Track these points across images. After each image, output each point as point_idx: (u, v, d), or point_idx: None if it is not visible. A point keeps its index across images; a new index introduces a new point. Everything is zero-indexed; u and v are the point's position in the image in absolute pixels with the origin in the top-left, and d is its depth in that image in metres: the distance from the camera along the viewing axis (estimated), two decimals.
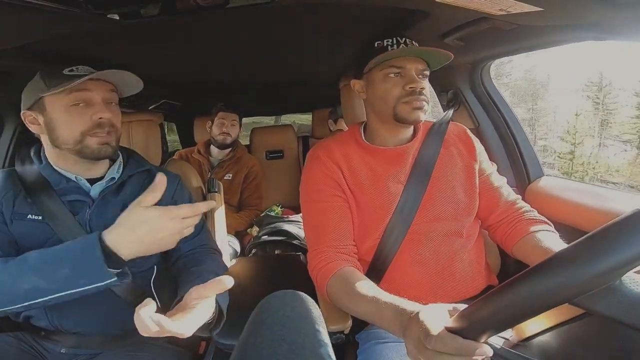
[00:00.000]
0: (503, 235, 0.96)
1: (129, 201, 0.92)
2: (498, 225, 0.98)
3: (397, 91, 0.89)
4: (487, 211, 0.99)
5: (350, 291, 0.77)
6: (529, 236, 0.89)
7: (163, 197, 0.97)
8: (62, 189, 0.90)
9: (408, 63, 0.89)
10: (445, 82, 1.57)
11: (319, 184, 0.94)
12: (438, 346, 0.47)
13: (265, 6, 0.82)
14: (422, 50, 0.90)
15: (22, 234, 0.86)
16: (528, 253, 0.87)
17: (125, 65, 1.34)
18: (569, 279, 0.38)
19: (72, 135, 0.86)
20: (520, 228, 0.93)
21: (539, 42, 1.05)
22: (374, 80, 0.93)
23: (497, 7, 0.80)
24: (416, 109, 0.89)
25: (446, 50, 0.89)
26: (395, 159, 0.95)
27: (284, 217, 2.11)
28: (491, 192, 0.99)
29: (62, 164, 0.92)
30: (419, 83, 0.89)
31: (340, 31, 1.21)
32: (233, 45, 1.33)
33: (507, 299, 0.42)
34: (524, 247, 0.89)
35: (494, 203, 0.99)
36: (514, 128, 1.44)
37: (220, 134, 2.08)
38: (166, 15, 0.79)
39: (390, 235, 0.90)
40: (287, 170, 2.53)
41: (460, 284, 0.91)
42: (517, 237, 0.91)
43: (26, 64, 1.04)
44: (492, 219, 0.99)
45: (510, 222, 0.96)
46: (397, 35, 0.92)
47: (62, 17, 0.71)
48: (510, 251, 0.94)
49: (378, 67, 0.91)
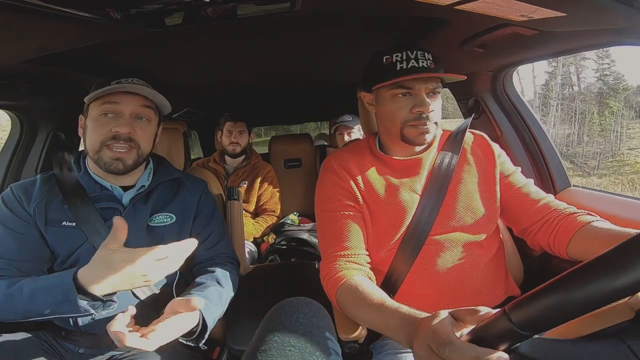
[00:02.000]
0: (549, 236, 0.87)
1: (157, 206, 0.98)
2: (538, 228, 0.90)
3: (405, 113, 0.87)
4: (520, 215, 0.93)
5: (357, 299, 0.75)
6: (585, 228, 0.81)
7: (188, 202, 1.02)
8: (96, 196, 0.94)
9: (418, 83, 0.86)
10: (466, 90, 1.55)
11: (332, 194, 0.94)
12: (453, 356, 0.45)
13: (282, 16, 0.83)
14: (435, 75, 0.86)
15: (57, 241, 0.91)
16: (589, 246, 0.78)
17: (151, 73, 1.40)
18: (605, 285, 0.35)
19: (93, 144, 0.91)
20: (568, 224, 0.84)
21: (563, 48, 1.02)
22: (383, 98, 0.91)
23: (518, 13, 0.79)
24: (422, 133, 0.87)
25: (463, 76, 0.88)
26: (411, 169, 0.94)
27: (301, 225, 2.11)
28: (519, 194, 0.94)
29: (98, 170, 0.96)
30: (428, 107, 0.85)
31: (357, 40, 1.22)
32: (253, 54, 1.36)
33: (533, 307, 0.40)
34: (581, 241, 0.80)
35: (525, 205, 0.92)
36: (539, 137, 1.39)
37: (229, 143, 2.11)
38: (188, 24, 0.82)
39: (406, 246, 0.88)
40: (305, 179, 2.54)
41: (480, 295, 0.88)
42: (570, 233, 0.82)
43: (58, 71, 1.10)
44: (527, 221, 0.92)
45: (553, 221, 0.87)
46: (407, 49, 0.86)
47: (91, 25, 0.75)
48: (564, 251, 0.84)
49: (388, 87, 0.88)
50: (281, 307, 0.61)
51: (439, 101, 0.90)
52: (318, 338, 0.55)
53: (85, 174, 0.97)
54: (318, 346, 0.54)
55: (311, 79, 1.97)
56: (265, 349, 0.53)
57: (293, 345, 0.52)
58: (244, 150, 2.16)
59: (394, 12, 0.96)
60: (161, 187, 1.02)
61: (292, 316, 0.58)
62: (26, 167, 1.37)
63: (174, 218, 0.99)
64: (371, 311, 0.70)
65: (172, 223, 0.99)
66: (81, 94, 1.02)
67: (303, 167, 2.61)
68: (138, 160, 0.94)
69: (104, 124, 0.90)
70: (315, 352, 0.52)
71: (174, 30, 0.85)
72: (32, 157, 1.38)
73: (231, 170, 2.17)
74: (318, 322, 0.58)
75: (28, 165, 1.37)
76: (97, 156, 0.90)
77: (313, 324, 0.58)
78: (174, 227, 0.98)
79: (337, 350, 0.56)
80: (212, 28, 1.01)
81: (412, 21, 1.04)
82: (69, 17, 0.68)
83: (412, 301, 0.69)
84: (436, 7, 0.81)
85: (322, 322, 0.59)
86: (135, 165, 0.93)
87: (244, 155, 2.19)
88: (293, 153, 2.63)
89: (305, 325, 0.56)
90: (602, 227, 0.79)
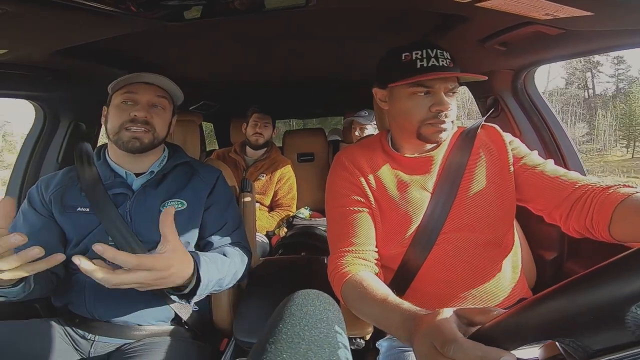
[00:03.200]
0: (585, 217, 0.75)
1: (170, 192, 1.02)
2: (569, 209, 0.79)
3: (423, 112, 0.85)
4: (542, 196, 0.85)
5: (361, 294, 0.75)
6: (626, 202, 0.69)
7: (201, 190, 1.06)
8: (110, 183, 1.00)
9: (437, 82, 0.84)
10: (485, 88, 1.51)
11: (342, 189, 0.94)
12: (458, 355, 0.44)
13: (300, 10, 0.83)
14: (455, 75, 0.85)
15: (72, 226, 0.97)
16: (637, 221, 0.67)
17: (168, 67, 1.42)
18: (614, 291, 0.34)
19: (113, 127, 0.99)
20: (605, 200, 0.73)
21: (588, 48, 0.99)
22: (399, 95, 0.89)
23: (542, 11, 0.76)
24: (439, 131, 0.86)
25: (483, 76, 0.85)
26: (422, 167, 0.93)
27: (312, 219, 2.12)
28: (536, 173, 0.87)
29: (115, 158, 1.04)
30: (447, 105, 0.84)
31: (375, 35, 1.21)
32: (269, 48, 1.36)
33: (541, 309, 0.38)
34: (626, 218, 0.69)
35: (544, 183, 0.85)
36: (559, 137, 1.36)
37: (253, 134, 2.15)
38: (207, 18, 0.83)
39: (418, 244, 0.88)
40: (317, 174, 2.54)
41: (493, 296, 0.87)
42: (609, 211, 0.70)
43: (79, 63, 1.12)
44: (552, 202, 0.83)
45: (587, 200, 0.76)
46: (427, 47, 0.84)
47: (111, 18, 0.76)
48: (606, 233, 0.72)
49: (407, 85, 0.86)
50: (292, 299, 0.62)
51: (455, 103, 0.88)
52: (327, 331, 0.55)
53: (104, 163, 1.03)
54: (327, 339, 0.54)
55: (327, 75, 1.96)
56: (274, 340, 0.53)
57: (302, 338, 0.52)
58: (265, 143, 2.19)
59: (412, 8, 0.94)
60: (174, 173, 1.06)
61: (302, 308, 0.58)
62: (48, 155, 1.41)
63: (186, 204, 1.02)
64: (373, 306, 0.70)
65: (184, 209, 1.02)
66: (101, 86, 1.04)
67: (316, 162, 2.61)
68: (153, 142, 1.01)
69: (123, 110, 0.99)
70: (324, 345, 0.52)
71: (191, 24, 0.86)
72: (54, 147, 1.42)
73: (251, 162, 2.20)
74: (328, 315, 0.58)
75: (50, 154, 1.41)
76: (116, 137, 0.98)
77: (323, 316, 0.57)
78: (185, 213, 1.01)
79: (346, 344, 0.55)
80: (228, 23, 1.02)
81: (430, 17, 1.02)
82: (90, 10, 0.70)
83: (422, 300, 0.69)
84: (457, 3, 0.79)
85: (332, 315, 0.59)
86: (150, 145, 1.00)
87: (265, 148, 2.22)
88: (306, 147, 2.63)
89: (314, 318, 0.56)
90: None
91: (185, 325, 1.01)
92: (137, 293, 0.88)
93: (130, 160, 1.02)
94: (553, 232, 1.27)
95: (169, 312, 0.98)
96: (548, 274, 1.22)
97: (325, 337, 0.53)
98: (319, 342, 0.52)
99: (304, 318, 0.56)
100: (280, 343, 0.52)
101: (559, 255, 1.25)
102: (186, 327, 1.01)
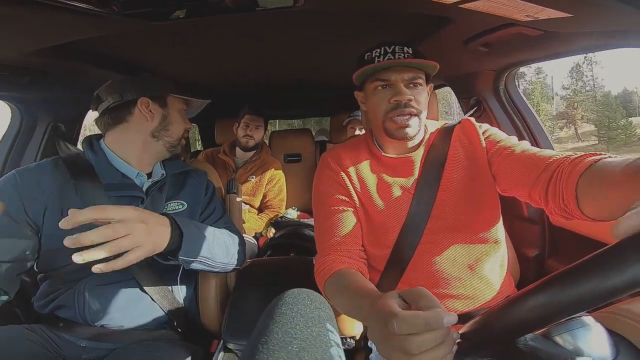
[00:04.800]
0: (558, 198, 0.66)
1: (170, 194, 1.02)
2: (544, 190, 0.70)
3: (384, 105, 0.88)
4: (520, 178, 0.78)
5: (339, 289, 0.76)
6: (590, 172, 0.61)
7: (197, 190, 1.08)
8: (117, 184, 0.95)
9: (394, 74, 0.86)
10: (468, 88, 1.54)
11: (328, 189, 0.94)
12: (403, 328, 0.43)
13: (288, 11, 0.83)
14: (404, 62, 0.85)
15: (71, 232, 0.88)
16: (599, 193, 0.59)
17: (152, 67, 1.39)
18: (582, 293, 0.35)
19: (177, 133, 1.05)
20: (570, 173, 0.64)
21: (567, 49, 1.02)
22: (368, 93, 0.92)
23: (523, 13, 0.79)
24: (402, 127, 0.86)
25: (433, 62, 0.85)
26: (403, 168, 0.93)
27: (300, 220, 2.11)
28: (513, 155, 0.82)
29: (124, 155, 0.98)
30: (405, 95, 0.85)
31: (360, 37, 1.22)
32: (256, 49, 1.35)
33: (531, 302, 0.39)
34: (588, 192, 0.60)
35: (520, 163, 0.79)
36: (540, 137, 1.39)
37: (244, 136, 2.12)
38: (193, 18, 0.82)
39: (402, 245, 0.88)
40: (304, 174, 2.54)
41: (481, 293, 0.87)
42: (573, 186, 0.63)
43: (60, 63, 1.09)
44: (528, 183, 0.75)
45: (558, 176, 0.67)
46: (386, 45, 0.87)
47: (93, 18, 0.74)
48: (579, 212, 0.63)
49: (369, 80, 0.90)
50: (282, 298, 0.61)
51: (421, 93, 0.88)
52: (319, 330, 0.55)
53: (103, 159, 0.96)
54: (319, 338, 0.53)
55: (314, 76, 1.96)
56: (266, 341, 0.53)
57: (294, 337, 0.52)
58: (255, 145, 2.16)
59: (397, 9, 0.95)
60: (171, 175, 1.06)
61: (293, 307, 0.58)
62: (25, 157, 1.36)
63: (185, 205, 1.03)
64: (349, 299, 0.71)
65: (184, 210, 1.03)
66: (83, 87, 1.01)
67: (303, 162, 2.60)
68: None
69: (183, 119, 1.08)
70: (316, 343, 0.52)
71: (177, 24, 0.84)
72: (32, 148, 1.37)
73: (240, 164, 2.17)
74: (319, 314, 0.58)
75: (27, 155, 1.36)
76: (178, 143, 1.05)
77: (314, 315, 0.57)
78: (185, 214, 1.02)
79: (338, 342, 0.55)
80: (215, 24, 1.01)
81: (415, 19, 1.03)
82: (71, 10, 0.68)
83: None
84: (441, 5, 0.80)
85: (324, 314, 0.59)
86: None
87: (254, 150, 2.19)
88: (293, 148, 2.63)
89: (306, 317, 0.56)
90: (612, 162, 0.58)
91: (178, 329, 1.00)
92: (127, 293, 0.89)
93: (145, 159, 1.01)
94: (535, 230, 1.31)
95: (160, 313, 0.96)
96: (531, 271, 1.25)
97: (317, 336, 0.53)
98: (311, 340, 0.52)
99: (295, 317, 0.56)
100: (272, 343, 0.51)
101: (541, 253, 1.29)
102: (179, 330, 1.00)
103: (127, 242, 0.68)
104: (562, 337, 0.45)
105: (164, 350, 0.90)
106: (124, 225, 0.68)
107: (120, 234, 0.67)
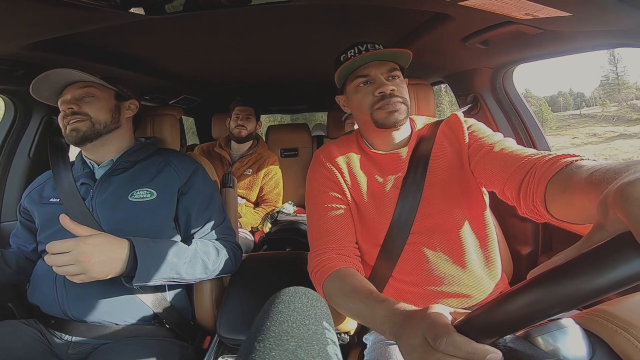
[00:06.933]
0: (529, 198, 0.67)
1: (139, 182, 1.04)
2: (520, 189, 0.69)
3: (369, 99, 0.90)
4: (497, 175, 0.77)
5: (344, 290, 0.75)
6: (559, 175, 0.60)
7: (172, 180, 1.08)
8: (79, 174, 1.05)
9: (372, 69, 0.90)
10: (466, 85, 1.54)
11: (320, 186, 0.94)
12: (449, 349, 0.44)
13: (283, 6, 0.82)
14: (380, 52, 0.89)
15: (44, 216, 1.01)
16: (563, 200, 0.58)
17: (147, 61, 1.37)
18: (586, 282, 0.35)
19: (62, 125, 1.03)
20: (543, 174, 0.64)
21: (566, 48, 1.02)
22: (350, 94, 0.95)
23: (523, 11, 0.78)
24: (391, 112, 0.88)
25: (406, 50, 0.89)
26: (391, 164, 0.93)
27: (296, 215, 2.11)
28: (489, 153, 0.82)
29: (84, 150, 1.08)
30: (387, 86, 0.88)
31: (357, 32, 1.21)
32: (252, 43, 1.34)
33: (521, 300, 0.39)
34: (555, 196, 0.60)
35: (493, 162, 0.79)
36: (535, 135, 1.40)
37: (236, 126, 2.11)
38: (189, 12, 0.81)
39: (391, 242, 0.88)
40: (301, 169, 2.53)
41: (473, 290, 0.87)
42: (542, 188, 0.62)
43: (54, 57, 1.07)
44: (503, 181, 0.75)
45: (531, 176, 0.67)
46: (359, 44, 0.91)
47: (88, 11, 0.73)
48: (547, 213, 0.63)
49: (349, 80, 0.93)
50: (279, 296, 0.61)
51: (401, 84, 0.91)
52: (316, 328, 0.55)
53: (80, 155, 1.09)
54: (315, 336, 0.54)
55: (310, 71, 1.95)
56: (262, 339, 0.53)
57: (291, 335, 0.52)
58: (250, 137, 2.15)
59: (396, 5, 0.95)
60: (145, 164, 1.08)
61: (289, 305, 0.58)
62: (19, 150, 1.35)
63: (155, 194, 1.03)
64: (357, 302, 0.70)
65: (153, 199, 1.02)
66: None
67: (300, 157, 2.60)
68: (94, 128, 1.01)
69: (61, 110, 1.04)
70: (313, 341, 0.52)
71: (173, 17, 0.83)
72: (26, 141, 1.36)
73: (237, 157, 2.16)
74: (316, 312, 0.58)
75: (21, 148, 1.36)
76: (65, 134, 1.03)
77: (311, 313, 0.57)
78: (153, 203, 1.02)
79: (335, 340, 0.56)
80: (211, 17, 1.00)
81: (414, 15, 1.02)
82: (66, 3, 0.67)
83: (400, 298, 0.69)
84: (440, 2, 0.80)
85: (320, 312, 0.59)
86: (92, 132, 1.01)
87: (250, 142, 2.18)
88: (290, 142, 2.62)
89: (302, 315, 0.56)
90: (582, 167, 0.56)
91: (167, 325, 1.00)
92: (109, 290, 0.92)
93: (91, 151, 1.05)
94: (528, 227, 1.31)
95: (147, 310, 0.96)
96: (524, 268, 1.26)
97: (314, 334, 0.53)
98: (308, 339, 0.52)
99: (292, 315, 0.56)
100: (269, 341, 0.51)
101: (534, 250, 1.30)
102: (167, 326, 1.00)
103: (72, 269, 0.79)
104: (542, 338, 0.46)
105: (151, 347, 0.91)
106: (69, 256, 0.79)
107: (68, 262, 0.79)
